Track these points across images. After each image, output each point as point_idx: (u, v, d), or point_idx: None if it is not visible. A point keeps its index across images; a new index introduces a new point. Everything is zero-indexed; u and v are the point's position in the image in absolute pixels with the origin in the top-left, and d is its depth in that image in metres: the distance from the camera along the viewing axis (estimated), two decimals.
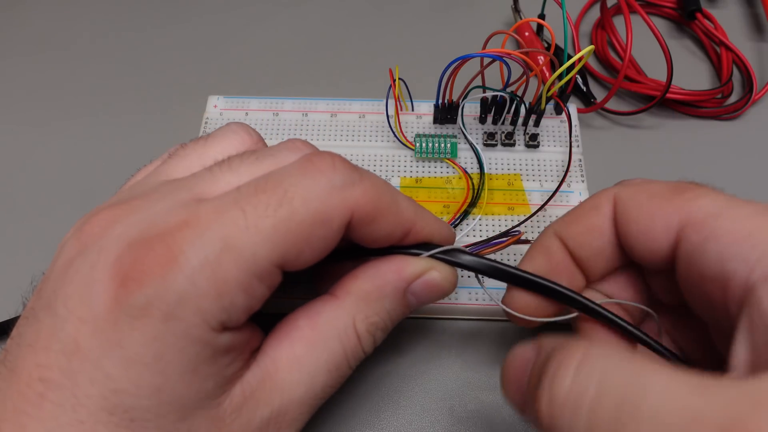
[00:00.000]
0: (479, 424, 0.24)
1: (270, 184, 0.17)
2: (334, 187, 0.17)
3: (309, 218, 0.16)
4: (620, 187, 0.20)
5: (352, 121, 0.31)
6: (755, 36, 0.37)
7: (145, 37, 0.37)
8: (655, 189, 0.19)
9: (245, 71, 0.35)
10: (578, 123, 0.31)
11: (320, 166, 0.17)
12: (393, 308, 0.20)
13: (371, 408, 0.24)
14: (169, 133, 0.33)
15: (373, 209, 0.18)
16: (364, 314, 0.19)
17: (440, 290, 0.20)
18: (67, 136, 0.33)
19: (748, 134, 0.32)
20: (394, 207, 0.18)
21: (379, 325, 0.20)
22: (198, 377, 0.16)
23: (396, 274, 0.19)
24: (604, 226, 0.20)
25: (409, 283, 0.20)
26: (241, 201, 0.16)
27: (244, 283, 0.16)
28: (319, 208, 0.17)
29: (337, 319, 0.19)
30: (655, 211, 0.18)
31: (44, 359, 0.15)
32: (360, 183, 0.18)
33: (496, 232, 0.27)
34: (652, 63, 0.34)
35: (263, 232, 0.16)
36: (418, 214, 0.19)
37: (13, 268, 0.28)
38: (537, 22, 0.31)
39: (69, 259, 0.17)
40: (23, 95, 0.35)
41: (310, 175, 0.17)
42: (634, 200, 0.19)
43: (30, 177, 0.31)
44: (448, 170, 0.30)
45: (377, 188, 0.18)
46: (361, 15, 0.38)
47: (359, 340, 0.19)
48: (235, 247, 0.16)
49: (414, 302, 0.20)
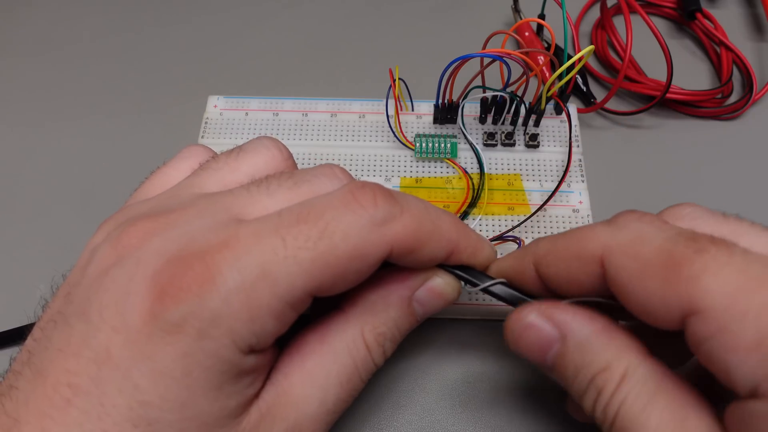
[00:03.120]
0: (479, 424, 0.24)
1: (312, 215, 0.17)
2: (375, 223, 0.17)
3: (347, 254, 0.17)
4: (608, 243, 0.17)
5: (352, 121, 0.31)
6: (755, 36, 0.37)
7: (145, 37, 0.37)
8: (647, 257, 0.16)
9: (245, 71, 0.35)
10: (578, 123, 0.31)
11: (362, 201, 0.17)
12: (399, 317, 0.20)
13: (371, 408, 0.24)
14: (169, 133, 0.33)
15: (414, 241, 0.18)
16: (372, 325, 0.19)
17: (444, 297, 0.21)
18: (67, 136, 0.33)
19: (748, 134, 0.32)
20: (435, 233, 0.18)
21: (387, 335, 0.20)
22: (222, 395, 0.16)
23: (399, 283, 0.20)
24: (590, 282, 0.18)
25: (413, 290, 0.20)
26: (282, 229, 0.16)
27: (276, 310, 0.16)
28: (358, 244, 0.17)
29: (345, 331, 0.19)
30: (651, 290, 0.16)
31: (74, 365, 0.15)
32: (400, 218, 0.17)
33: (496, 232, 0.28)
34: (652, 63, 0.34)
35: (301, 264, 0.16)
36: (460, 234, 0.19)
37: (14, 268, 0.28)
38: (537, 22, 0.31)
39: (105, 268, 0.17)
40: (23, 95, 0.35)
41: (352, 210, 0.17)
42: (626, 273, 0.16)
43: (30, 177, 0.31)
44: (448, 170, 0.30)
45: (417, 219, 0.18)
46: (361, 15, 0.38)
47: (369, 352, 0.19)
48: (272, 274, 0.16)
49: (420, 311, 0.20)
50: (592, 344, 0.17)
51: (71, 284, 0.17)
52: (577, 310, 0.18)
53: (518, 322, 0.19)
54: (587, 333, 0.17)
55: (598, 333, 0.17)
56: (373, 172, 0.30)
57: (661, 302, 0.16)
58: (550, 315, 0.18)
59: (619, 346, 0.17)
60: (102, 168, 0.31)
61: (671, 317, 0.15)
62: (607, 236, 0.17)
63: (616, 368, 0.17)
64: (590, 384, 0.17)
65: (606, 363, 0.17)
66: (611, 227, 0.18)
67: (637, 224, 0.17)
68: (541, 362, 0.19)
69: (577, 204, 0.28)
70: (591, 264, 0.17)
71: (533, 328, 0.18)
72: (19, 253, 0.29)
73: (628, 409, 0.16)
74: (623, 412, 0.16)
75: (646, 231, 0.17)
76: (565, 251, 0.18)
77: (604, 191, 0.30)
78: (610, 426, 0.16)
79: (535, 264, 0.19)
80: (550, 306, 0.18)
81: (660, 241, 0.16)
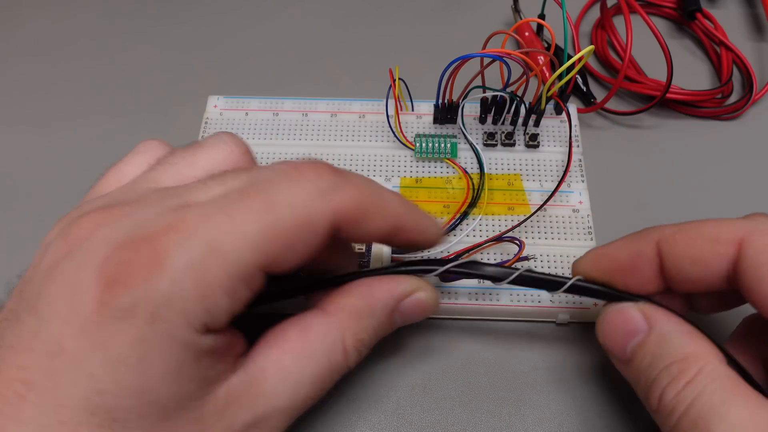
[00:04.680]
0: (479, 424, 0.24)
1: (257, 190, 0.17)
2: (320, 192, 0.17)
3: (294, 223, 0.17)
4: (750, 230, 0.18)
5: (352, 121, 0.31)
6: (755, 36, 0.37)
7: (145, 37, 0.37)
8: None
9: (245, 71, 0.35)
10: (578, 123, 0.31)
11: (305, 173, 0.18)
12: (380, 326, 0.21)
13: (371, 408, 0.24)
14: (169, 133, 0.32)
15: (359, 211, 0.18)
16: (354, 331, 0.20)
17: (427, 309, 0.21)
18: (66, 136, 0.33)
19: (748, 134, 0.32)
20: (380, 206, 0.19)
21: (366, 342, 0.20)
22: (181, 378, 0.16)
23: (387, 293, 0.20)
24: (717, 264, 0.19)
25: (398, 302, 0.21)
26: (227, 206, 0.17)
27: (228, 286, 0.16)
28: (304, 212, 0.17)
29: (328, 334, 0.19)
30: None
31: (26, 360, 0.15)
32: (345, 186, 0.18)
33: (496, 232, 0.27)
34: (652, 63, 0.34)
35: (248, 237, 0.16)
36: (406, 210, 0.20)
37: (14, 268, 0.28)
38: (537, 22, 0.31)
39: (54, 261, 0.17)
40: (23, 95, 0.35)
41: (296, 182, 0.17)
42: (766, 256, 0.17)
43: (30, 177, 0.31)
44: (448, 170, 0.30)
45: (362, 190, 0.18)
46: (361, 15, 0.38)
47: (346, 356, 0.19)
48: (221, 250, 0.16)
49: (399, 321, 0.21)
50: (673, 338, 0.18)
51: (25, 281, 0.17)
52: (669, 311, 0.19)
53: (616, 309, 0.20)
54: (671, 329, 0.19)
55: (681, 332, 0.19)
56: (373, 172, 0.30)
57: None
58: (644, 309, 0.20)
59: (699, 346, 0.18)
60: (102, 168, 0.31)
61: None
62: (748, 225, 0.18)
63: (693, 362, 0.17)
64: (663, 371, 0.18)
65: (684, 355, 0.18)
66: (749, 220, 0.19)
67: None
68: (621, 351, 0.20)
69: (577, 204, 0.28)
70: (727, 245, 0.18)
71: (627, 316, 0.20)
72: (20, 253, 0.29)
73: (706, 400, 0.17)
74: (700, 403, 0.17)
75: None
76: (697, 232, 0.19)
77: (604, 191, 0.30)
78: (681, 415, 0.17)
79: (661, 242, 0.20)
80: (646, 303, 0.20)
81: None
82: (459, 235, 0.27)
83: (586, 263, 0.22)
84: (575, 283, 0.21)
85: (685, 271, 0.19)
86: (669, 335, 0.19)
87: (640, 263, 0.20)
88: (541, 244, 0.27)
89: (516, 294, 0.26)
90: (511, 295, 0.26)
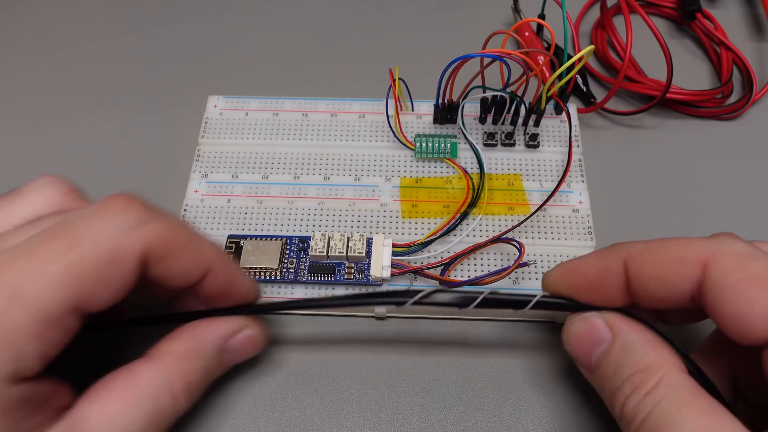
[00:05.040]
0: (479, 424, 0.24)
1: (60, 230, 0.17)
2: (128, 226, 0.18)
3: (100, 259, 0.17)
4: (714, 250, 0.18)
5: (352, 121, 0.31)
6: (755, 36, 0.37)
7: (145, 37, 0.37)
8: (756, 270, 0.17)
9: (245, 71, 0.35)
10: (578, 123, 0.31)
11: (113, 208, 0.18)
12: (210, 366, 0.21)
13: (371, 408, 0.24)
14: (170, 133, 0.33)
15: (169, 244, 0.19)
16: (182, 374, 0.20)
17: (256, 345, 0.23)
18: (66, 136, 0.33)
19: (748, 134, 0.32)
20: (191, 245, 0.19)
21: (197, 384, 0.20)
22: None
23: (214, 333, 0.21)
24: (682, 285, 0.19)
25: (226, 340, 0.21)
26: (30, 249, 0.17)
27: (35, 331, 0.16)
28: (111, 247, 0.17)
29: (155, 379, 0.19)
30: (755, 299, 0.17)
31: None
32: (153, 221, 0.18)
33: (496, 232, 0.27)
34: (652, 63, 0.34)
35: (51, 278, 0.16)
36: (219, 257, 0.20)
37: None
38: (537, 22, 0.31)
39: None
40: (23, 95, 0.35)
41: (102, 217, 0.18)
42: (730, 278, 0.17)
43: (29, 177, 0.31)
44: (448, 170, 0.30)
45: (173, 226, 0.19)
46: (361, 15, 0.38)
47: (175, 400, 0.20)
48: (23, 295, 0.16)
49: (230, 359, 0.22)
50: (636, 348, 0.19)
51: None
52: (632, 320, 0.20)
53: (580, 319, 0.21)
54: (634, 338, 0.19)
55: (643, 341, 0.19)
56: (373, 172, 0.30)
57: (763, 312, 0.17)
58: (608, 318, 0.20)
59: (660, 355, 0.19)
60: (102, 168, 0.31)
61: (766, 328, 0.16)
62: (713, 245, 0.18)
63: (654, 371, 0.18)
64: (626, 381, 0.18)
65: (645, 365, 0.18)
66: (714, 240, 0.19)
67: (741, 243, 0.18)
68: (587, 359, 0.20)
69: (577, 204, 0.28)
70: (692, 266, 0.18)
71: (591, 325, 0.20)
72: None
73: (664, 408, 0.17)
74: (658, 411, 0.17)
75: (752, 250, 0.18)
76: (663, 252, 0.19)
77: (604, 191, 0.30)
78: (640, 423, 0.17)
79: (628, 261, 0.20)
80: (609, 312, 0.20)
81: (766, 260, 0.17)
82: (459, 235, 0.27)
83: (555, 277, 0.22)
84: (540, 299, 0.21)
85: (651, 291, 0.19)
86: (632, 345, 0.19)
87: (607, 280, 0.20)
88: (541, 244, 0.27)
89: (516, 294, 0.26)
90: None
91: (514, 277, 0.26)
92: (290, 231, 0.28)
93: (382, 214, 0.28)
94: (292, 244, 0.27)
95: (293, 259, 0.27)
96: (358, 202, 0.29)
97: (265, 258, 0.26)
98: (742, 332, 0.17)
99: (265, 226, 0.28)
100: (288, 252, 0.27)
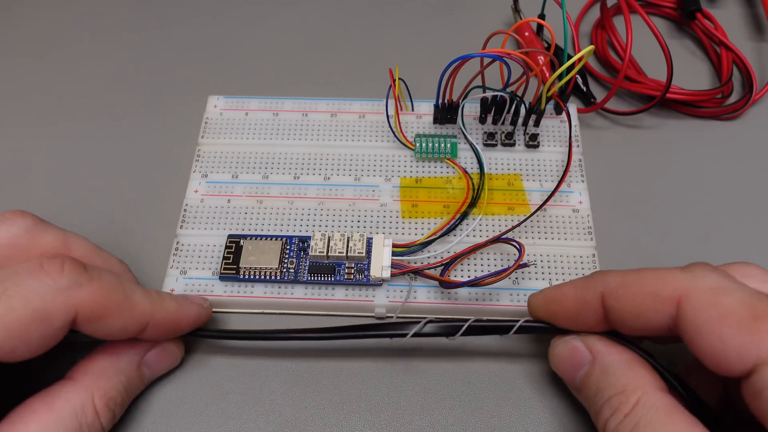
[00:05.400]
0: (479, 424, 0.24)
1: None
2: (59, 288, 0.18)
3: (27, 316, 0.18)
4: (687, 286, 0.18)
5: (352, 121, 0.31)
6: (755, 36, 0.37)
7: (145, 37, 0.37)
8: (728, 306, 0.17)
9: (245, 71, 0.35)
10: (578, 123, 0.31)
11: (49, 269, 0.19)
12: (130, 382, 0.22)
13: (371, 408, 0.24)
14: (169, 133, 0.33)
15: (101, 308, 0.19)
16: (103, 391, 0.21)
17: (171, 357, 0.24)
18: (66, 136, 0.33)
19: (748, 134, 0.32)
20: (126, 305, 0.20)
21: (117, 399, 0.21)
22: None
23: (130, 348, 0.22)
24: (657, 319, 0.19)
25: (142, 355, 0.22)
26: None
27: None
28: (39, 307, 0.18)
29: (75, 399, 0.20)
30: (728, 337, 0.17)
31: None
32: (88, 285, 0.19)
33: (496, 232, 0.28)
34: (652, 63, 0.34)
35: None
36: (156, 306, 0.21)
37: None
38: (537, 22, 0.31)
39: None
40: (23, 96, 0.35)
41: (36, 277, 0.18)
42: (704, 315, 0.18)
43: (29, 177, 0.31)
44: (448, 170, 0.30)
45: (106, 289, 0.20)
46: (361, 15, 0.38)
47: (98, 416, 0.20)
48: None
49: (148, 374, 0.23)
50: (614, 370, 0.20)
51: None
52: (611, 342, 0.21)
53: (562, 342, 0.22)
54: (612, 360, 0.20)
55: (621, 362, 0.20)
56: (373, 172, 0.30)
57: (737, 347, 0.17)
58: (587, 341, 0.21)
59: (637, 376, 0.19)
60: (102, 168, 0.31)
61: (741, 363, 0.17)
62: (686, 280, 0.18)
63: (632, 393, 0.19)
64: (606, 403, 0.19)
65: (623, 387, 0.19)
66: (688, 273, 0.19)
67: (715, 276, 0.18)
68: (572, 380, 0.22)
69: (577, 204, 0.28)
70: (666, 303, 0.19)
71: (572, 348, 0.21)
72: None
73: (641, 430, 0.18)
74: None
75: (726, 284, 0.18)
76: (638, 287, 0.19)
77: (604, 191, 0.30)
78: None
79: (605, 295, 0.20)
80: (589, 335, 0.21)
81: (741, 294, 0.18)
82: (459, 235, 0.27)
83: (536, 305, 0.23)
84: (523, 324, 0.22)
85: (629, 324, 0.20)
86: (610, 367, 0.20)
87: (584, 312, 0.21)
88: (541, 244, 0.27)
89: (516, 294, 0.26)
90: (511, 296, 0.26)
91: (514, 277, 0.26)
92: (290, 231, 0.28)
93: (382, 214, 0.28)
94: (292, 243, 0.27)
95: (293, 259, 0.27)
96: (358, 202, 0.29)
97: (265, 258, 0.26)
98: (718, 367, 0.18)
99: (265, 226, 0.28)
100: (288, 252, 0.27)
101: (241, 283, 0.26)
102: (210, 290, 0.26)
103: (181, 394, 0.24)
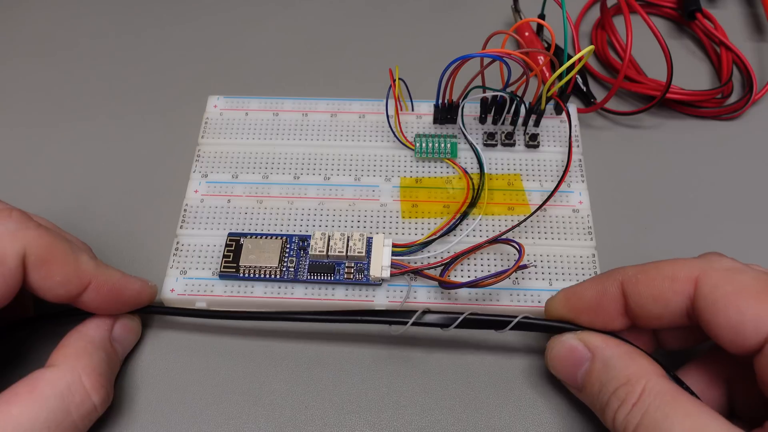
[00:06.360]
0: (479, 424, 0.24)
1: None
2: (7, 229, 0.20)
3: None
4: (704, 267, 0.19)
5: (352, 121, 0.31)
6: (755, 36, 0.37)
7: (146, 38, 0.37)
8: (744, 282, 0.19)
9: (245, 71, 0.35)
10: (578, 123, 0.31)
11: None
12: (109, 357, 0.23)
13: (371, 408, 0.24)
14: (169, 133, 0.33)
15: (47, 251, 0.20)
16: (90, 368, 0.21)
17: (133, 330, 0.25)
18: (67, 136, 0.33)
19: (748, 134, 0.32)
20: (71, 257, 0.21)
21: (107, 374, 0.22)
22: None
23: (97, 326, 0.23)
24: (676, 301, 0.20)
25: (109, 330, 0.23)
26: None
27: None
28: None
29: (59, 380, 0.20)
30: (745, 308, 0.18)
31: None
32: (35, 228, 0.20)
33: (496, 232, 0.28)
34: (652, 63, 0.34)
35: None
36: (100, 269, 0.22)
37: None
38: (537, 22, 0.31)
39: None
40: (23, 96, 0.35)
41: None
42: (720, 291, 0.19)
43: (29, 177, 0.31)
44: (448, 170, 0.30)
45: (52, 236, 0.21)
46: (361, 15, 0.38)
47: (89, 395, 0.21)
48: None
49: (120, 349, 0.24)
50: (615, 363, 0.20)
51: None
52: (607, 337, 0.21)
53: (559, 343, 0.22)
54: (611, 354, 0.20)
55: (621, 354, 0.20)
56: (373, 172, 0.30)
57: (754, 317, 0.18)
58: (584, 338, 0.21)
59: (639, 365, 0.20)
60: (102, 168, 0.31)
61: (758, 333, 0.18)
62: (702, 264, 0.20)
63: (636, 382, 0.19)
64: (612, 395, 0.19)
65: (627, 378, 0.19)
66: (703, 259, 0.20)
67: (728, 259, 0.20)
68: (573, 380, 0.22)
69: (577, 204, 0.28)
70: (684, 283, 0.19)
71: (569, 347, 0.22)
72: None
73: (651, 416, 0.18)
74: (647, 420, 0.18)
75: (738, 265, 0.19)
76: (657, 272, 0.20)
77: (604, 191, 0.30)
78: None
79: (624, 282, 0.21)
80: (584, 332, 0.22)
81: (755, 273, 0.19)
82: (459, 235, 0.27)
83: (558, 303, 0.23)
84: (521, 320, 0.22)
85: (648, 309, 0.20)
86: (611, 360, 0.20)
87: (605, 302, 0.21)
88: (541, 244, 0.27)
89: (516, 294, 0.26)
90: (511, 296, 0.26)
91: (514, 277, 0.26)
92: (290, 231, 0.28)
93: (382, 214, 0.28)
94: (292, 242, 0.27)
95: (293, 258, 0.27)
96: (358, 202, 0.29)
97: (265, 256, 0.26)
98: (735, 340, 0.18)
99: (265, 226, 0.28)
100: (288, 251, 0.27)
101: (241, 283, 0.26)
102: (210, 290, 0.26)
103: (181, 395, 0.25)
